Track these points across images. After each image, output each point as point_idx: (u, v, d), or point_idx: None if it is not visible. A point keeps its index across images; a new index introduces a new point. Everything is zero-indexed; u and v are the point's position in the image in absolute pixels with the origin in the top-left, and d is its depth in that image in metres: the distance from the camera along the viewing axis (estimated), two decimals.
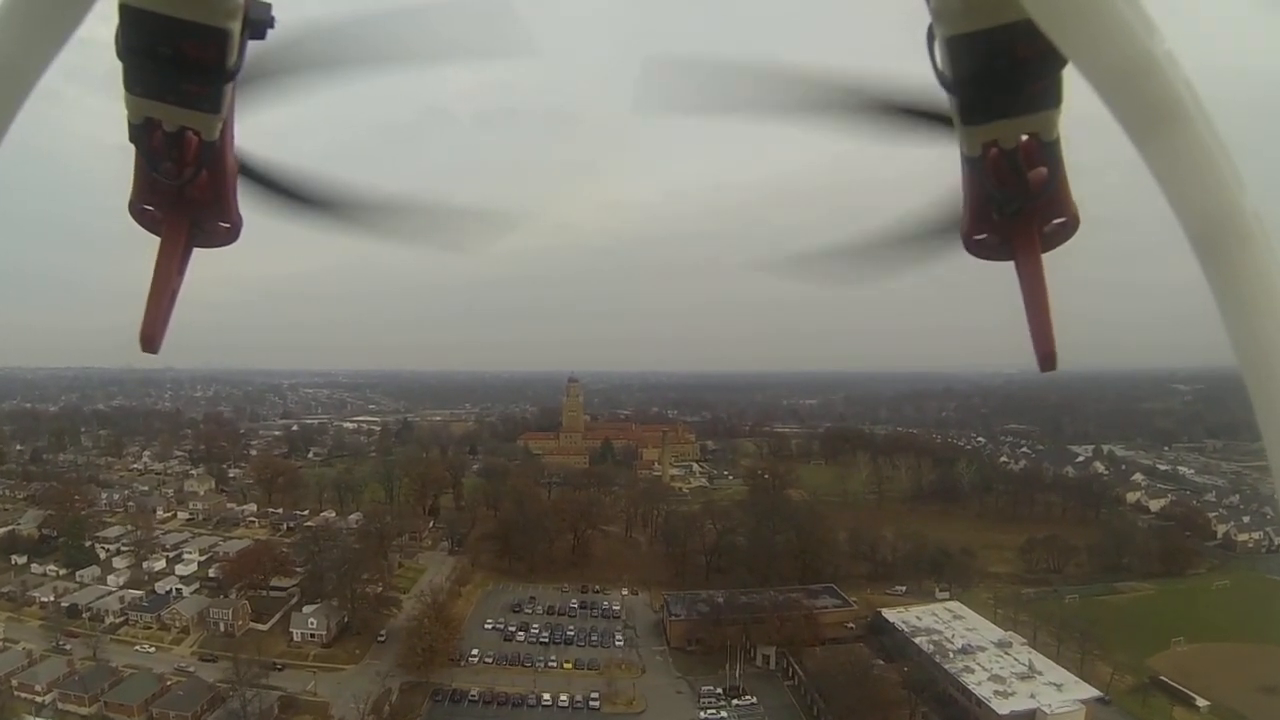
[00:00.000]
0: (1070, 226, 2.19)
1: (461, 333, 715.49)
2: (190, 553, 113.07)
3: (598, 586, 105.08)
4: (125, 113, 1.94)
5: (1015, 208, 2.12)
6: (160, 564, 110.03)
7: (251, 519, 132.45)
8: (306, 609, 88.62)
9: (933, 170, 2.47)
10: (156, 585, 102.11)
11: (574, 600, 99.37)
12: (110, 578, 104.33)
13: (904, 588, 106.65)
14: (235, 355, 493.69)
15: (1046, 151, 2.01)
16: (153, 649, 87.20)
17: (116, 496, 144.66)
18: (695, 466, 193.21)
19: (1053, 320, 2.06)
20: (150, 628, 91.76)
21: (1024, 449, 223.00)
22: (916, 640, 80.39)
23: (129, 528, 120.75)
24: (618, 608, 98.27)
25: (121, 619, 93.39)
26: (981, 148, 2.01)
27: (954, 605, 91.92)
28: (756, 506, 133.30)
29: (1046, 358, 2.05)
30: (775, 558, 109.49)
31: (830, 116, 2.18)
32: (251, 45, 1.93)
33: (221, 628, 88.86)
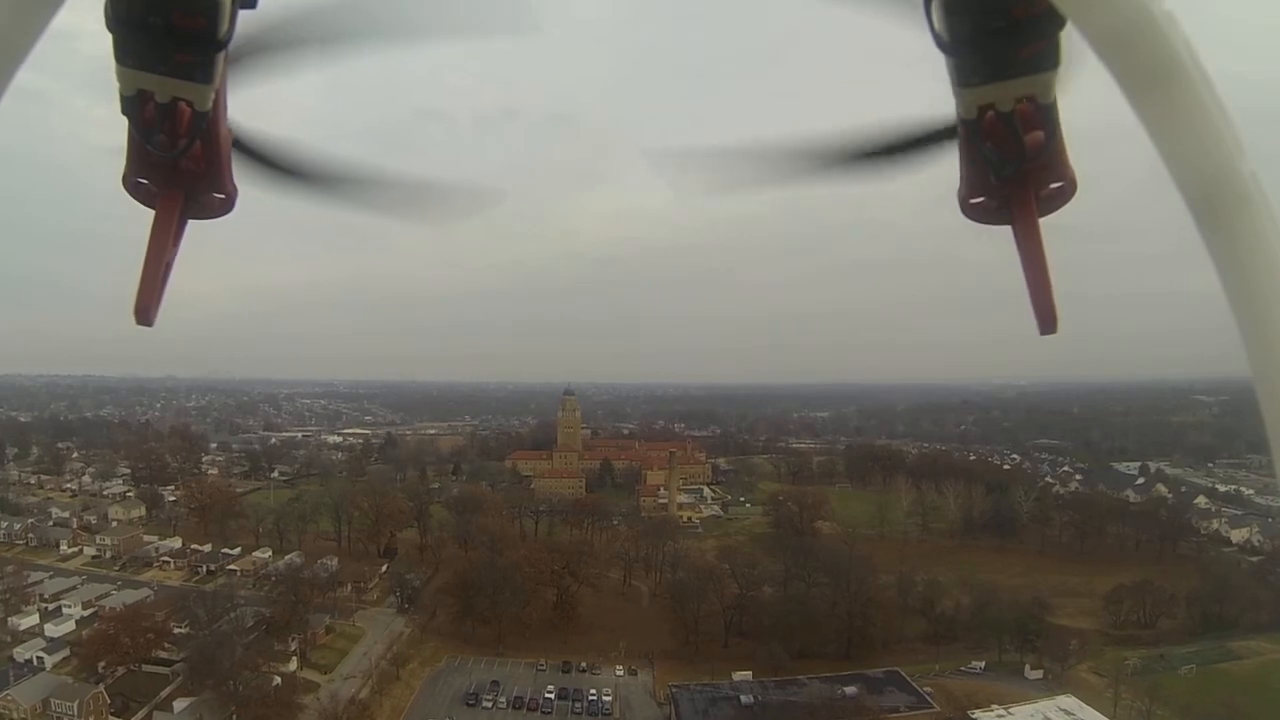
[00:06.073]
0: (1068, 190, 2.13)
1: (465, 344, 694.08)
2: (71, 606, 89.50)
3: (584, 664, 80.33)
4: (117, 85, 1.88)
5: (1012, 171, 2.07)
6: (32, 619, 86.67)
7: (167, 558, 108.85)
8: (179, 703, 64.43)
9: (947, 184, 2.32)
10: (16, 651, 78.72)
11: (551, 687, 74.01)
12: None
13: (981, 664, 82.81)
14: (240, 365, 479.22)
15: (1044, 114, 1.94)
16: None
17: (19, 526, 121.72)
18: (707, 491, 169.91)
19: (1052, 284, 2.01)
20: None
21: (1065, 468, 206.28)
22: None
23: (8, 569, 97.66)
24: (609, 698, 73.29)
25: None
26: (977, 111, 1.94)
27: (1067, 701, 67.39)
28: (783, 545, 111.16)
29: (1046, 320, 2.01)
30: (813, 619, 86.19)
31: None
32: (244, 16, 1.88)
33: None
